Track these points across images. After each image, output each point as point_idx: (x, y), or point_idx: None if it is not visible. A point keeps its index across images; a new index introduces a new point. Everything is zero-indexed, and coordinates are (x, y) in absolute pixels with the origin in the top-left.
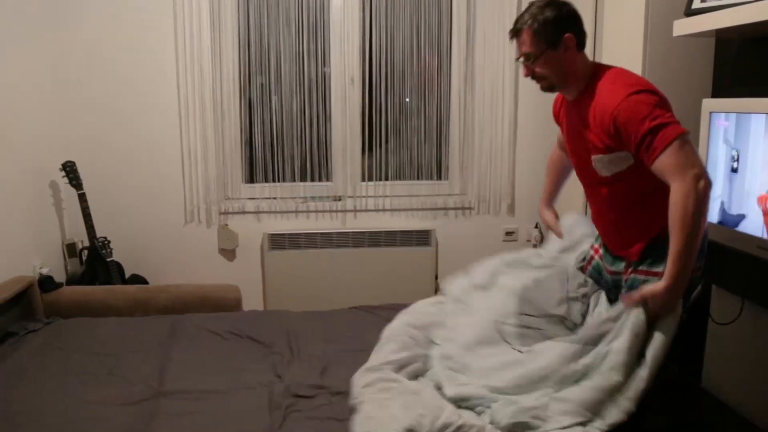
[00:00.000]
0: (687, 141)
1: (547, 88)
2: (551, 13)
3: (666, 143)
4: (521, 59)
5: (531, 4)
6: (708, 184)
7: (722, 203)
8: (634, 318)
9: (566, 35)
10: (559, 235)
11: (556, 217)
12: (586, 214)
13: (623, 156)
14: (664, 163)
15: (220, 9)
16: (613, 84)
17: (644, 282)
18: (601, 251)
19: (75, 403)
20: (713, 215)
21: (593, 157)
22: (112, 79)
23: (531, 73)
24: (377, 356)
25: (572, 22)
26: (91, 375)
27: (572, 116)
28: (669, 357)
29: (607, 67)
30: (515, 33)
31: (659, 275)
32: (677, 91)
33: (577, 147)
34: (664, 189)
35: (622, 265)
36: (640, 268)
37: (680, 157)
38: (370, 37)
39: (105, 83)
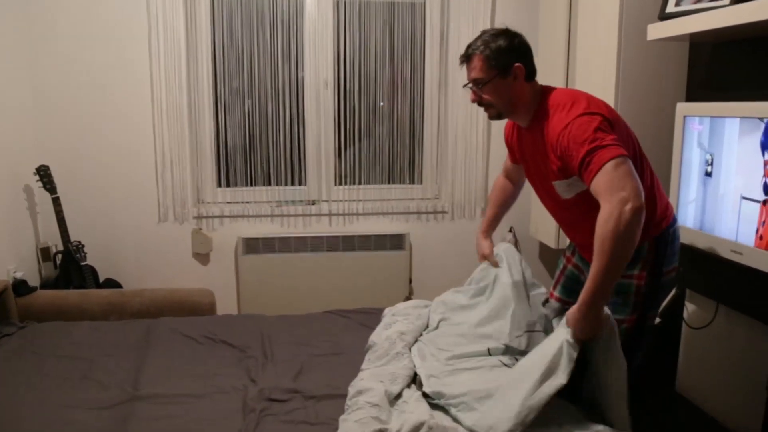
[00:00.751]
0: (622, 163)
1: (495, 116)
2: (503, 42)
3: (600, 165)
4: (470, 85)
5: (483, 32)
6: (636, 208)
7: (696, 207)
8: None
9: (516, 65)
10: (495, 264)
11: (492, 247)
12: None
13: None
14: (596, 186)
15: (195, 13)
16: (561, 110)
17: (617, 285)
18: (575, 259)
19: (50, 407)
20: (688, 219)
21: (553, 182)
22: (86, 83)
23: (478, 99)
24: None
25: (523, 52)
26: (66, 379)
27: (527, 143)
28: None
29: (555, 92)
30: (466, 58)
31: (634, 277)
32: (651, 95)
33: (536, 173)
34: None
35: None
36: None
37: (611, 179)
38: (344, 41)
39: (79, 88)
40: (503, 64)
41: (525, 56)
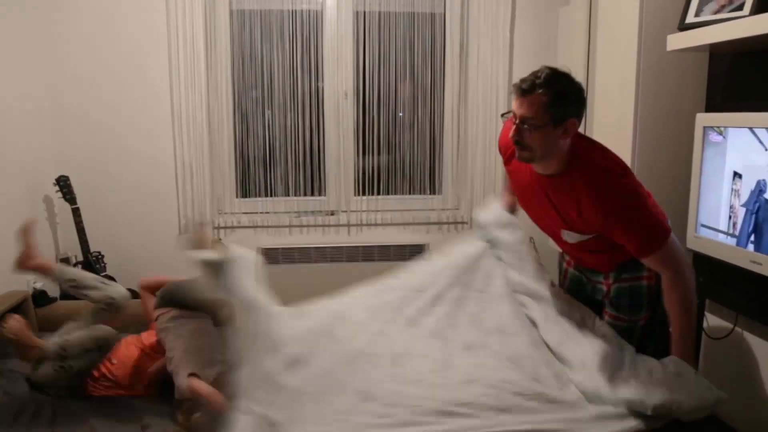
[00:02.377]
0: (672, 240)
1: (527, 159)
2: (568, 92)
3: (659, 247)
4: (510, 117)
5: (551, 70)
6: (691, 272)
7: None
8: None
9: (571, 119)
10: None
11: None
12: None
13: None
14: (657, 259)
15: (215, 24)
16: (591, 177)
17: (630, 288)
18: (574, 262)
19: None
20: (710, 230)
21: (563, 230)
22: (105, 94)
23: (518, 138)
24: None
25: (581, 108)
26: None
27: (535, 181)
28: None
29: (585, 149)
30: (526, 92)
31: (644, 278)
32: (671, 105)
33: (540, 210)
34: None
35: (601, 276)
36: (624, 276)
37: (670, 254)
38: (364, 52)
39: (99, 99)
40: (560, 115)
41: (581, 112)
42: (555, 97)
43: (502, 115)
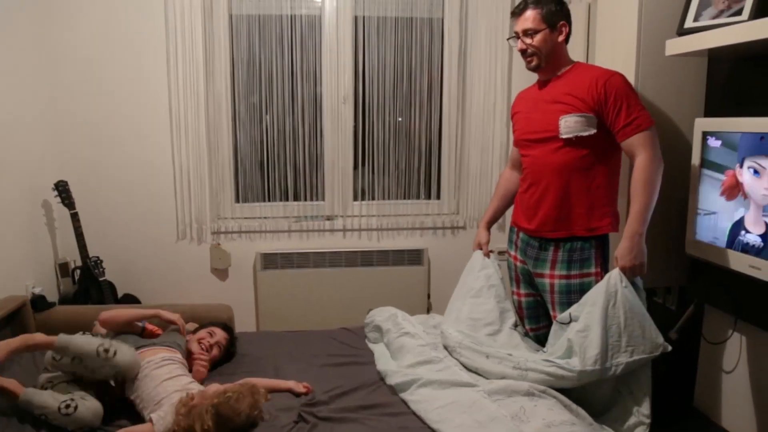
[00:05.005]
0: (655, 132)
1: (535, 66)
2: (554, 2)
3: (645, 126)
4: (518, 36)
5: None
6: (662, 167)
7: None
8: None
9: (562, 23)
10: (487, 254)
11: (489, 238)
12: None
13: (589, 118)
14: (639, 139)
15: (213, 29)
16: (597, 67)
17: (580, 285)
18: (519, 255)
19: None
20: (707, 234)
21: (562, 117)
22: (104, 99)
23: (525, 48)
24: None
25: (568, 16)
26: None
27: (536, 98)
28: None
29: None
30: (521, 10)
31: (593, 275)
32: (670, 110)
33: (539, 119)
34: (610, 174)
35: (546, 267)
36: (573, 272)
37: (651, 140)
38: (362, 57)
39: (98, 103)
40: (554, 20)
41: (569, 20)
42: (545, 7)
43: (509, 39)
